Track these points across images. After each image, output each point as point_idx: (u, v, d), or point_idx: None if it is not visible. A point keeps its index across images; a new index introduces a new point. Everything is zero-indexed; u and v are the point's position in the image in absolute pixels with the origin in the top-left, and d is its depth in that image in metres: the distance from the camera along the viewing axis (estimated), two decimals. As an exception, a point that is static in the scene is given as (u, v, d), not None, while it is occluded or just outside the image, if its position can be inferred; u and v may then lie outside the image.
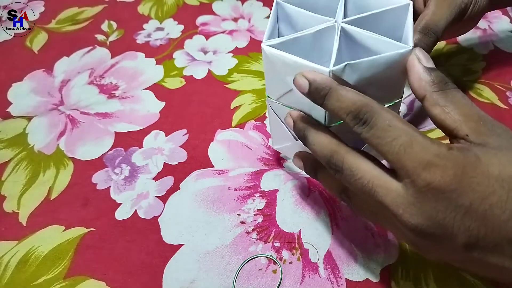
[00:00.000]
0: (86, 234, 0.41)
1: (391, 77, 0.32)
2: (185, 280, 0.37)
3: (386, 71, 0.30)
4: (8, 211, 0.43)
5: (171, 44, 0.64)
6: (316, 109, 0.32)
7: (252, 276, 0.37)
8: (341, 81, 0.30)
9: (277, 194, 0.43)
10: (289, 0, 0.37)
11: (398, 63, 0.30)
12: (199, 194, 0.43)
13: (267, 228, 0.40)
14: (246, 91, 0.55)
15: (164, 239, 0.40)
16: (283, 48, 0.33)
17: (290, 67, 0.32)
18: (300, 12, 0.36)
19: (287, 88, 0.34)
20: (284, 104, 0.36)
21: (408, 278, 0.37)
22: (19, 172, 0.46)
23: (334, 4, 0.37)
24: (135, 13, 0.70)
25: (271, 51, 0.33)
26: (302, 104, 0.34)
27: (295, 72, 0.31)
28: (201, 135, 0.50)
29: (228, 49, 0.62)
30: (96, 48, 0.63)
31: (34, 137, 0.50)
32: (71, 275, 0.37)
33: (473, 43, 0.62)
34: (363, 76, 0.30)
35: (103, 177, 0.45)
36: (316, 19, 0.35)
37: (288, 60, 0.32)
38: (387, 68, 0.30)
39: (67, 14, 0.71)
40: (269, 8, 0.71)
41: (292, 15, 0.37)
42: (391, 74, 0.31)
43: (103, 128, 0.51)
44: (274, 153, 0.47)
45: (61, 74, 0.59)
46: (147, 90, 0.56)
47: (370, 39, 0.33)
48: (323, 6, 0.38)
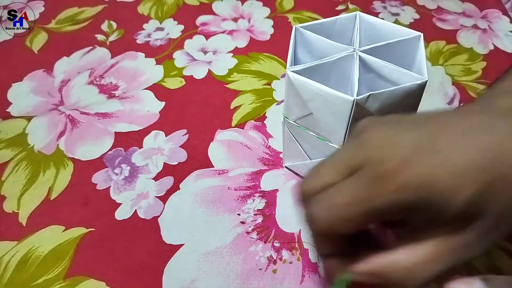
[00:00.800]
0: (86, 234, 0.41)
1: (407, 105, 0.34)
2: (185, 280, 0.37)
3: (404, 99, 0.33)
4: (8, 211, 0.43)
5: (171, 44, 0.64)
6: (336, 133, 0.35)
7: (252, 276, 0.37)
8: (363, 109, 0.32)
9: (277, 194, 0.43)
10: (307, 27, 0.39)
11: (415, 93, 0.33)
12: (199, 194, 0.43)
13: (267, 228, 0.40)
14: (246, 91, 0.55)
15: (164, 239, 0.40)
16: (306, 74, 0.34)
17: (314, 93, 0.34)
18: (319, 39, 0.38)
19: (306, 111, 0.36)
20: (300, 124, 0.38)
21: (408, 278, 0.37)
22: (19, 172, 0.46)
23: (347, 31, 0.40)
24: (135, 13, 0.70)
25: (296, 77, 0.34)
26: (320, 127, 0.36)
27: (318, 98, 0.33)
28: (201, 135, 0.50)
29: (228, 49, 0.62)
30: (96, 48, 0.63)
31: (34, 137, 0.50)
32: (71, 275, 0.37)
33: (473, 43, 0.62)
34: (383, 104, 0.32)
35: (103, 177, 0.45)
36: (334, 46, 0.37)
37: (312, 87, 0.33)
38: (405, 97, 0.33)
39: (67, 14, 0.71)
40: (269, 8, 0.71)
41: (311, 41, 0.39)
42: (408, 102, 0.34)
43: (103, 128, 0.51)
44: (274, 153, 0.47)
45: (61, 74, 0.59)
46: (147, 90, 0.56)
47: (387, 68, 0.35)
48: (338, 32, 0.40)
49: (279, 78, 0.57)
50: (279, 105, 0.53)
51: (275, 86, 0.56)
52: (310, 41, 0.39)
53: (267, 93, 0.55)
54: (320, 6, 0.71)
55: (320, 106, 0.34)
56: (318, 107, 0.34)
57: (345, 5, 0.72)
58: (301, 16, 0.69)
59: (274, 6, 0.72)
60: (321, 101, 0.34)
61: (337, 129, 0.34)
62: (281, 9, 0.71)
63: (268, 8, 0.71)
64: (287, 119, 0.39)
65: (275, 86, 0.56)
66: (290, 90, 0.36)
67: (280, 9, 0.71)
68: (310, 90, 0.34)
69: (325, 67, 0.36)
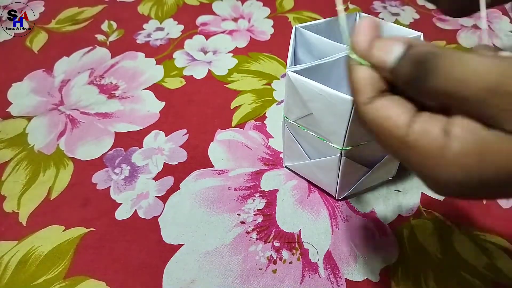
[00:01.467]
0: (86, 234, 0.41)
1: None
2: (185, 280, 0.37)
3: None
4: (8, 211, 0.43)
5: (171, 44, 0.64)
6: (336, 133, 0.35)
7: (252, 276, 0.37)
8: None
9: (277, 194, 0.43)
10: (307, 27, 0.39)
11: None
12: (199, 194, 0.43)
13: (267, 228, 0.40)
14: (246, 91, 0.55)
15: (164, 239, 0.40)
16: (306, 74, 0.35)
17: (314, 93, 0.34)
18: (319, 39, 0.38)
19: (306, 111, 0.36)
20: (301, 125, 0.38)
21: (408, 278, 0.37)
22: (19, 172, 0.46)
23: None
24: (135, 13, 0.70)
25: (296, 77, 0.34)
26: (320, 127, 0.36)
27: (318, 98, 0.33)
28: (201, 135, 0.50)
29: (228, 49, 0.62)
30: (96, 48, 0.63)
31: (34, 137, 0.50)
32: (71, 275, 0.37)
33: (473, 43, 0.62)
34: None
35: (103, 177, 0.45)
36: (334, 46, 0.37)
37: (312, 87, 0.33)
38: None
39: (67, 14, 0.71)
40: (269, 8, 0.71)
41: (311, 41, 0.39)
42: None
43: (103, 128, 0.51)
44: (274, 153, 0.47)
45: (61, 74, 0.59)
46: (147, 90, 0.56)
47: None
48: (338, 32, 0.40)
49: (279, 78, 0.57)
50: (279, 105, 0.53)
51: (275, 86, 0.56)
52: (310, 41, 0.39)
53: (267, 93, 0.55)
54: (320, 6, 0.71)
55: (320, 106, 0.34)
56: (318, 107, 0.34)
57: (345, 5, 0.72)
58: (301, 16, 0.69)
59: (274, 6, 0.72)
60: (321, 101, 0.34)
61: (337, 129, 0.34)
62: (281, 9, 0.71)
63: (268, 8, 0.71)
64: (287, 119, 0.39)
65: (275, 86, 0.56)
66: (290, 90, 0.36)
67: (280, 9, 0.71)
68: (310, 90, 0.34)
69: (325, 67, 0.36)
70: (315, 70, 0.36)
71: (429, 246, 0.39)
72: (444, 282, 0.36)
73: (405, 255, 0.38)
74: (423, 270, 0.37)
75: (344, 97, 0.32)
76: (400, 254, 0.38)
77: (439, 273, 0.37)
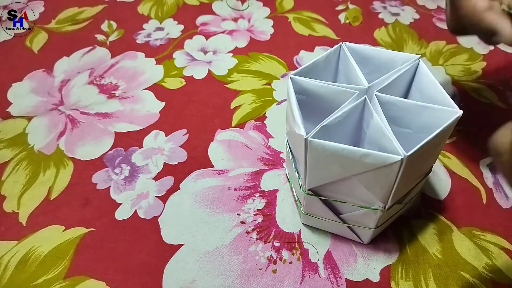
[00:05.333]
0: (86, 234, 0.41)
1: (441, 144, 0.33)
2: (185, 280, 0.37)
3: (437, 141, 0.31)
4: (8, 211, 0.43)
5: (171, 44, 0.64)
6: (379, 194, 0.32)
7: (252, 276, 0.37)
8: None
9: (277, 194, 0.43)
10: (301, 73, 0.35)
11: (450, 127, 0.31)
12: (199, 194, 0.43)
13: (267, 228, 0.40)
14: (246, 91, 0.55)
15: (164, 239, 0.40)
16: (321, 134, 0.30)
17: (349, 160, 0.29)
18: (321, 86, 0.34)
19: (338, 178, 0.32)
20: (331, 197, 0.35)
21: (408, 278, 0.37)
22: (19, 172, 0.46)
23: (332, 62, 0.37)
24: (135, 13, 0.70)
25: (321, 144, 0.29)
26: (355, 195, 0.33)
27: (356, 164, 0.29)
28: (201, 135, 0.50)
29: (228, 49, 0.62)
30: (96, 48, 0.63)
31: (34, 137, 0.50)
32: (71, 275, 0.37)
33: (473, 43, 0.62)
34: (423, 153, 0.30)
35: (103, 177, 0.45)
36: (340, 91, 0.33)
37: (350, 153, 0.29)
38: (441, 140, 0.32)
39: (67, 14, 0.71)
40: (269, 8, 0.71)
41: (310, 88, 0.35)
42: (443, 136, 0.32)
43: (103, 128, 0.51)
44: (274, 153, 0.47)
45: (61, 74, 0.59)
46: (147, 90, 0.56)
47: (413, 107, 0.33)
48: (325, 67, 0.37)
49: (279, 78, 0.57)
50: (279, 105, 0.53)
51: (275, 86, 0.56)
52: (310, 88, 0.35)
53: (267, 93, 0.55)
54: (320, 6, 0.71)
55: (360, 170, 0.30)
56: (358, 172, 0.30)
57: (345, 5, 0.72)
58: (301, 16, 0.69)
59: (274, 6, 0.72)
60: (362, 166, 0.29)
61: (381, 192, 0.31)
62: (281, 9, 0.71)
63: (268, 8, 0.71)
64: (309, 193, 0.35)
65: (275, 86, 0.56)
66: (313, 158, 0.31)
67: (280, 9, 0.71)
68: (345, 158, 0.29)
69: (339, 119, 0.32)
70: (330, 127, 0.31)
71: (429, 246, 0.39)
72: (444, 282, 0.36)
73: (405, 255, 0.38)
74: (423, 270, 0.37)
75: (394, 157, 0.28)
76: (400, 254, 0.38)
77: (439, 273, 0.37)
